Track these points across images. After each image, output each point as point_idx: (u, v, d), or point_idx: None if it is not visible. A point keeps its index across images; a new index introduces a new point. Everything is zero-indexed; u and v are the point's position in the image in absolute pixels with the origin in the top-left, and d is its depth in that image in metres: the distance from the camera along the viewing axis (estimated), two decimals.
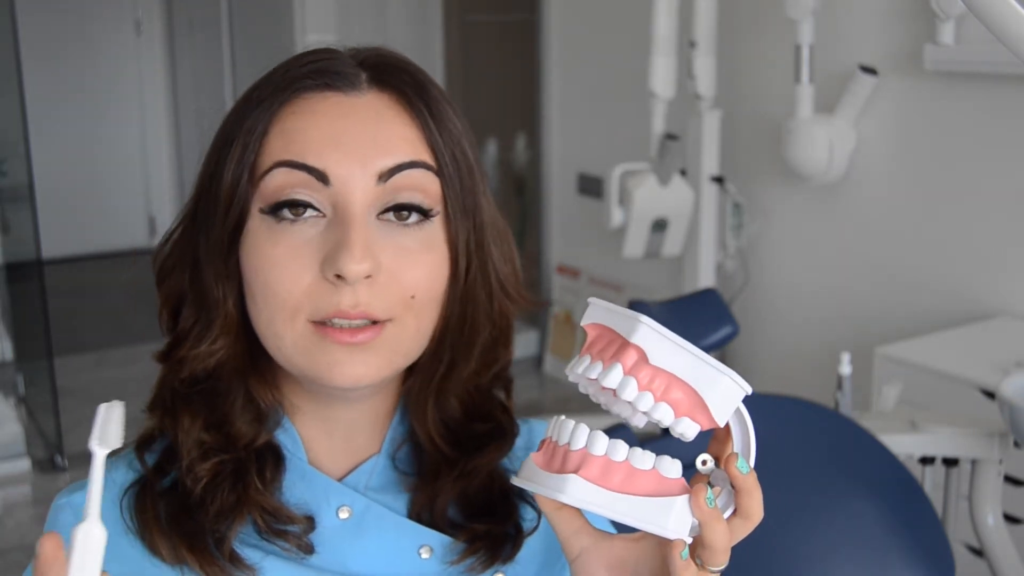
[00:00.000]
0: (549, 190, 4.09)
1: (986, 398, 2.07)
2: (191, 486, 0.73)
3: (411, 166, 0.72)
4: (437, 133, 0.74)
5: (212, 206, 0.73)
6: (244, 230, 0.72)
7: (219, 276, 0.73)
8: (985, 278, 2.58)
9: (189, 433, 0.74)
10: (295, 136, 0.71)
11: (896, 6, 2.69)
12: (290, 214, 0.71)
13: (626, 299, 3.61)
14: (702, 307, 1.79)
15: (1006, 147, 2.51)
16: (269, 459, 0.75)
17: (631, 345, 0.64)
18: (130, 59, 5.89)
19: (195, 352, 0.74)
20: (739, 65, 3.16)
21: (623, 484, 0.64)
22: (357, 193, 0.70)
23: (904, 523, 1.36)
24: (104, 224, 5.80)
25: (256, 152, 0.72)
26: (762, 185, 3.15)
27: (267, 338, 0.73)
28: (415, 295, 0.72)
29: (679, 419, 0.64)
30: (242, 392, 0.76)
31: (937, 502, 1.64)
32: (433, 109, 0.74)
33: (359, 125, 0.72)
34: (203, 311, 0.75)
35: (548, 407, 3.68)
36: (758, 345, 3.24)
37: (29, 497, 3.24)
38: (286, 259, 0.70)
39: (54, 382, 3.39)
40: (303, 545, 0.73)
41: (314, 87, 0.73)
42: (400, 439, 0.81)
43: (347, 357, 0.71)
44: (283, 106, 0.72)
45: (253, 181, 0.72)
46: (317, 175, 0.70)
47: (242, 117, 0.73)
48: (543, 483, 0.65)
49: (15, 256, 3.75)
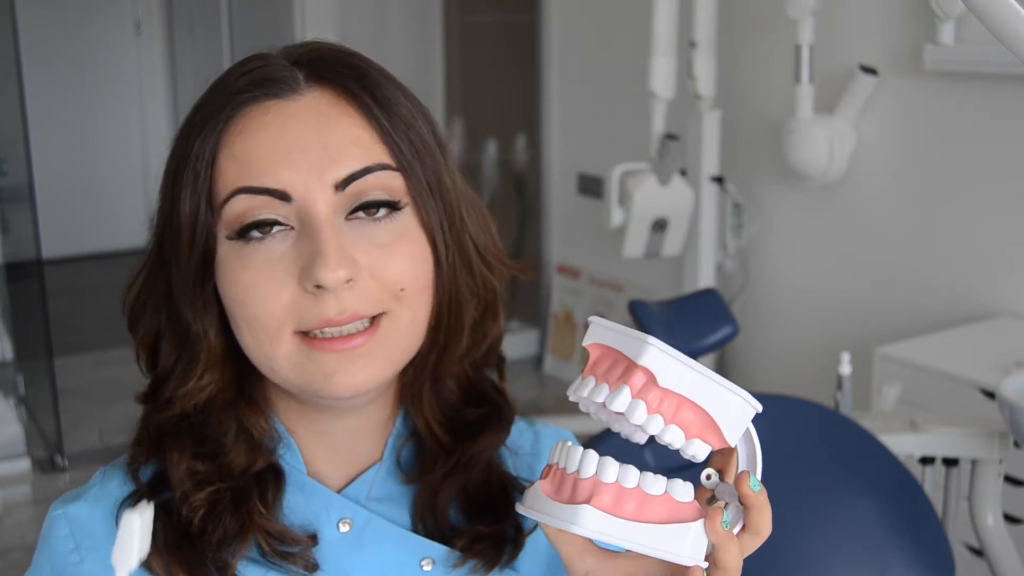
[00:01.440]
0: (549, 190, 4.09)
1: (986, 398, 2.07)
2: (188, 516, 0.71)
3: (366, 172, 0.70)
4: (388, 124, 0.71)
5: (176, 239, 0.71)
6: (215, 259, 0.70)
7: (196, 309, 0.71)
8: (985, 278, 2.58)
9: (179, 465, 0.72)
10: (246, 159, 0.69)
11: (896, 6, 2.69)
12: (258, 233, 0.69)
13: (626, 299, 3.61)
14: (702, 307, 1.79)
15: (1006, 147, 2.50)
16: (270, 480, 0.74)
17: (638, 367, 0.62)
18: (130, 59, 5.89)
19: (183, 390, 0.73)
20: (739, 65, 3.16)
21: (636, 512, 0.62)
22: (319, 204, 0.69)
23: (904, 523, 1.36)
24: (104, 224, 5.80)
25: (210, 180, 0.70)
26: (762, 185, 3.15)
27: (259, 361, 0.71)
28: (404, 287, 0.71)
29: (690, 441, 0.63)
30: (234, 424, 0.74)
31: (937, 502, 1.63)
32: (379, 97, 0.72)
33: (306, 133, 0.69)
34: (185, 347, 0.73)
35: (548, 407, 3.68)
36: (758, 345, 3.24)
37: (29, 497, 3.24)
38: (261, 279, 0.69)
39: (54, 382, 3.39)
40: (308, 565, 0.72)
41: (252, 99, 0.70)
42: (403, 440, 0.79)
43: (343, 366, 0.69)
44: (227, 126, 0.70)
45: (213, 209, 0.70)
46: (278, 195, 0.68)
47: (188, 144, 0.71)
48: (554, 514, 0.63)
49: (15, 256, 3.75)
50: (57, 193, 5.21)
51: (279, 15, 4.15)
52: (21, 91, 3.29)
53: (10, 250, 3.79)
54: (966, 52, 2.50)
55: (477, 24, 4.39)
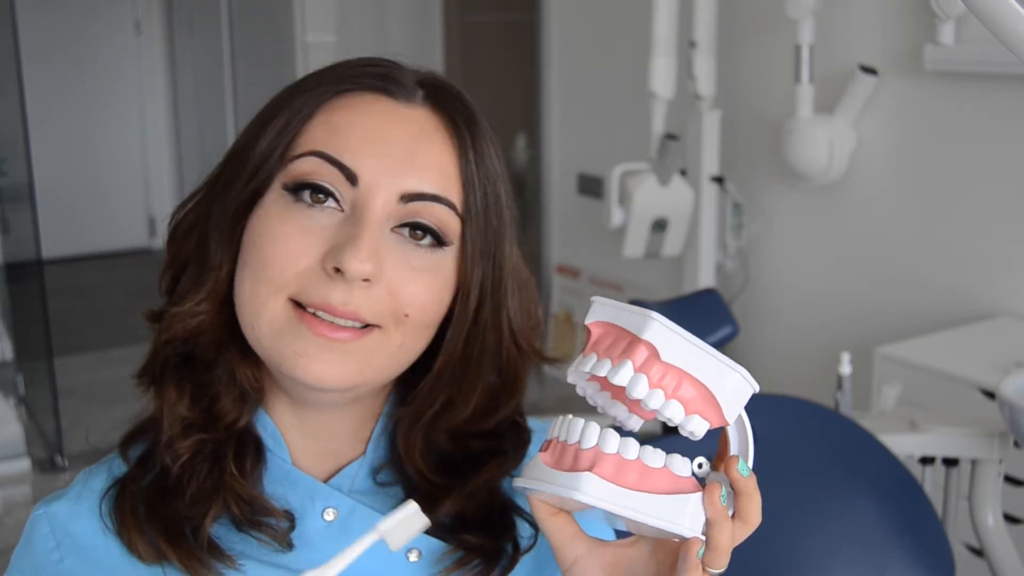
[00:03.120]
0: (549, 190, 4.09)
1: (986, 398, 2.07)
2: (170, 463, 0.71)
3: (435, 200, 0.71)
4: (475, 167, 0.73)
5: (237, 172, 0.72)
6: (260, 202, 0.71)
7: (222, 242, 0.72)
8: (985, 278, 2.58)
9: (174, 407, 0.72)
10: (338, 130, 0.70)
11: (896, 6, 2.69)
12: (309, 198, 0.70)
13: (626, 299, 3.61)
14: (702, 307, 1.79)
15: (1006, 147, 2.51)
16: (249, 449, 0.74)
17: (641, 342, 0.62)
18: (130, 59, 5.89)
19: (178, 310, 0.73)
20: (739, 65, 3.16)
21: (638, 482, 0.63)
22: (379, 201, 0.69)
23: (904, 523, 1.36)
24: (104, 224, 5.80)
25: (296, 132, 0.71)
26: (762, 185, 3.15)
27: (245, 311, 0.71)
28: (409, 314, 0.70)
29: (689, 416, 0.63)
30: (227, 367, 0.74)
31: (937, 502, 1.63)
32: (477, 142, 0.74)
33: (402, 137, 0.71)
34: (200, 271, 0.73)
35: (548, 407, 3.68)
36: (758, 345, 3.24)
37: (29, 497, 3.24)
38: (290, 237, 0.69)
39: (54, 382, 3.39)
40: (280, 537, 0.71)
41: (370, 87, 0.72)
42: (381, 459, 0.78)
43: (317, 352, 0.69)
44: (335, 96, 0.72)
45: (285, 159, 0.71)
46: (347, 174, 0.69)
47: (291, 97, 0.73)
48: (555, 481, 0.64)
49: (15, 256, 3.75)
50: (57, 193, 5.21)
51: (279, 15, 4.15)
52: (21, 91, 3.29)
53: (10, 250, 3.79)
54: (966, 52, 2.50)
55: (477, 24, 4.39)
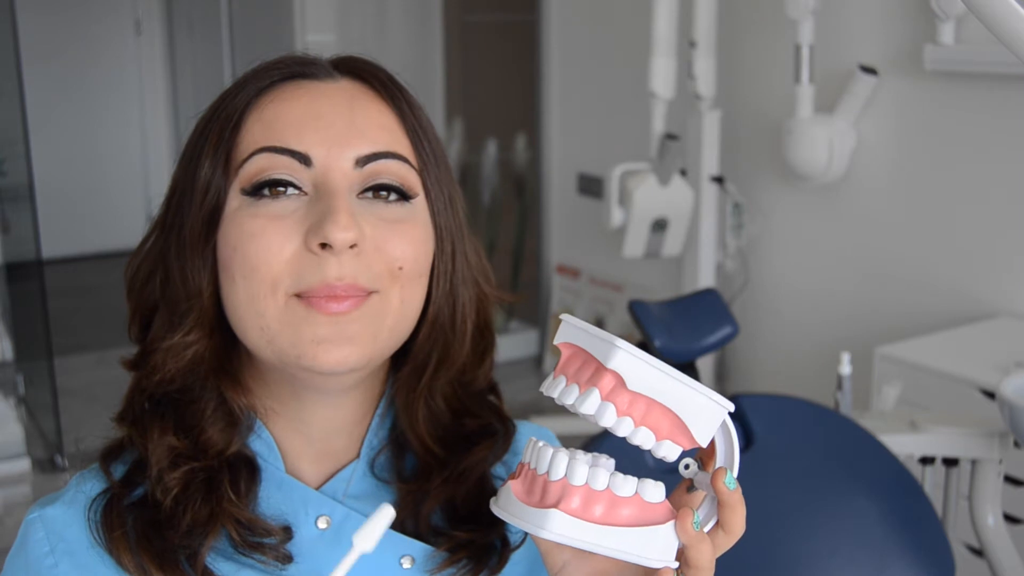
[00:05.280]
0: (549, 190, 4.09)
1: (986, 398, 2.07)
2: (161, 497, 0.70)
3: (388, 156, 0.72)
4: (414, 118, 0.74)
5: (188, 200, 0.72)
6: (222, 216, 0.70)
7: (195, 267, 0.71)
8: (985, 278, 2.58)
9: (159, 442, 0.71)
10: (274, 121, 0.71)
11: (896, 6, 2.69)
12: (270, 193, 0.70)
13: (626, 299, 3.61)
14: (702, 307, 1.79)
15: (1006, 147, 2.50)
16: (243, 470, 0.73)
17: (608, 370, 0.62)
18: (130, 59, 5.89)
19: (169, 344, 0.72)
20: (739, 65, 3.16)
21: (606, 515, 0.62)
22: (337, 172, 0.70)
23: (904, 523, 1.36)
24: (104, 224, 5.80)
25: (232, 141, 0.71)
26: (762, 185, 3.15)
27: (247, 320, 0.70)
28: (402, 266, 0.71)
29: (660, 442, 0.63)
30: (214, 396, 0.73)
31: (937, 502, 1.63)
32: (407, 97, 0.75)
33: (336, 108, 0.72)
34: (176, 313, 0.72)
35: (548, 407, 3.68)
36: (758, 345, 3.24)
37: (29, 497, 3.24)
38: (267, 230, 0.69)
39: (54, 382, 3.39)
40: (280, 556, 0.71)
41: (289, 76, 0.73)
42: (379, 444, 0.79)
43: (331, 335, 0.68)
44: (259, 95, 0.72)
45: (231, 169, 0.70)
46: (299, 158, 0.70)
47: (216, 112, 0.73)
48: (524, 517, 0.63)
49: (15, 256, 3.75)
50: (57, 193, 5.21)
51: (279, 15, 4.15)
52: (21, 91, 3.29)
53: (10, 250, 3.78)
54: (966, 52, 2.50)
55: (477, 24, 4.39)
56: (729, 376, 3.34)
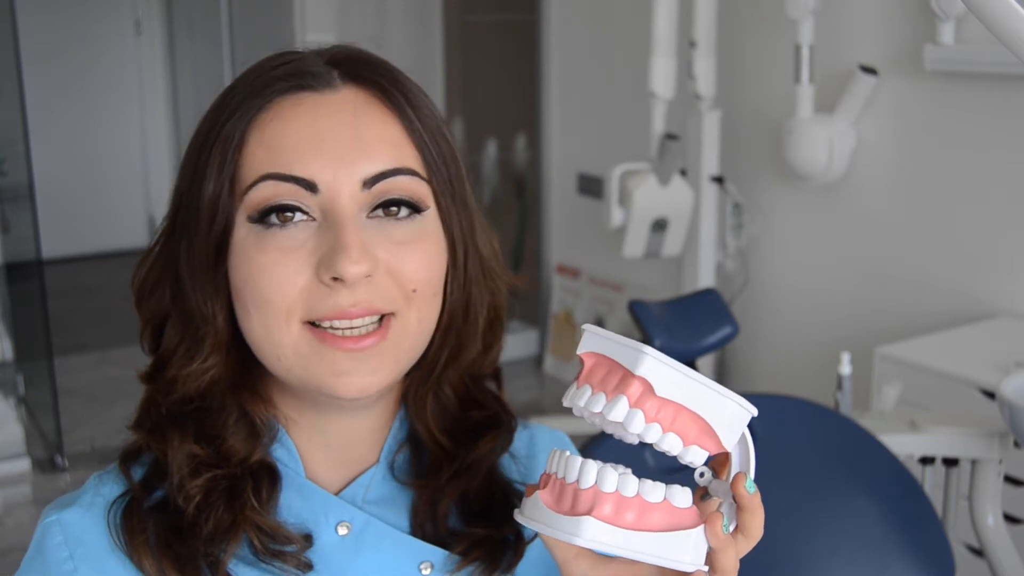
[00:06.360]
0: (549, 190, 4.09)
1: (986, 398, 2.07)
2: (183, 505, 0.70)
3: (396, 172, 0.70)
4: (419, 125, 0.72)
5: (193, 219, 0.71)
6: (230, 242, 0.70)
7: (207, 292, 0.70)
8: (985, 278, 2.58)
9: (180, 449, 0.71)
10: (276, 146, 0.69)
11: (896, 6, 2.69)
12: (278, 220, 0.68)
13: (626, 299, 3.61)
14: (702, 307, 1.79)
15: (1006, 147, 2.50)
16: (265, 477, 0.73)
17: (635, 377, 0.62)
18: (130, 59, 5.89)
19: (187, 371, 0.72)
20: (739, 65, 3.16)
21: (637, 521, 0.63)
22: (345, 197, 0.68)
23: (904, 523, 1.36)
24: (104, 224, 5.80)
25: (236, 163, 0.69)
26: (762, 185, 3.15)
27: (265, 349, 0.70)
28: (416, 288, 0.70)
29: (688, 447, 0.64)
30: (235, 409, 0.73)
31: (937, 502, 1.63)
32: (411, 100, 0.72)
33: (339, 125, 0.69)
34: (190, 329, 0.72)
35: (548, 407, 3.68)
36: (758, 345, 3.24)
37: (29, 497, 3.24)
38: (277, 263, 0.68)
39: (54, 382, 3.39)
40: (301, 564, 0.71)
41: (288, 89, 0.70)
42: (398, 445, 0.79)
43: (354, 366, 0.69)
44: (259, 113, 0.70)
45: (236, 194, 0.69)
46: (305, 185, 0.68)
47: (217, 126, 0.71)
48: (556, 525, 0.64)
49: (15, 256, 3.75)
50: (57, 193, 5.21)
51: (279, 15, 4.15)
52: (21, 91, 3.29)
53: (10, 250, 3.78)
54: (966, 52, 2.49)
55: (477, 24, 4.39)
56: (729, 376, 3.34)
